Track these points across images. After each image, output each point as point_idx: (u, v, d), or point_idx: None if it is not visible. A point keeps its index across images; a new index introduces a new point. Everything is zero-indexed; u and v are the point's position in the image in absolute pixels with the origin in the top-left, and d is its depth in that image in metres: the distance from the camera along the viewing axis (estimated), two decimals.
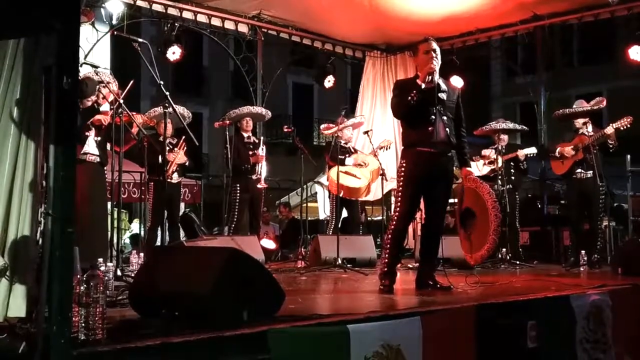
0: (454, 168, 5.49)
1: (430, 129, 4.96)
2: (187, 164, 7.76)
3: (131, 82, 5.83)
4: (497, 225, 5.02)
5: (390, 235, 5.11)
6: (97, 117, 6.09)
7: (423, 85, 4.94)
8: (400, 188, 5.07)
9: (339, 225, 8.15)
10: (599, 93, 19.12)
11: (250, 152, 8.00)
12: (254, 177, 7.97)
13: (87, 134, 6.14)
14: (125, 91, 5.80)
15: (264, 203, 8.80)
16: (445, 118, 5.04)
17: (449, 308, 4.02)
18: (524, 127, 8.91)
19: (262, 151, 8.04)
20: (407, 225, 5.47)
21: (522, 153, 8.13)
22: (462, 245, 5.45)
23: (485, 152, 8.32)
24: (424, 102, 4.96)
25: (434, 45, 5.09)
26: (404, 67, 10.36)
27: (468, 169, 5.31)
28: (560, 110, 7.72)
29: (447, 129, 5.03)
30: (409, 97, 4.94)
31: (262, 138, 8.53)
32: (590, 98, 7.76)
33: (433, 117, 4.98)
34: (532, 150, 8.22)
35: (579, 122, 7.49)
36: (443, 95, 5.07)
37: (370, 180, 8.30)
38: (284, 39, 9.98)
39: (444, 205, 5.36)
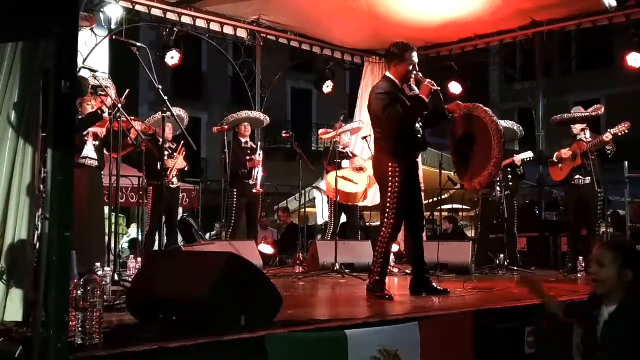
0: (452, 173, 5.51)
1: (419, 136, 5.13)
2: (186, 169, 7.77)
3: (127, 90, 5.82)
4: (499, 150, 5.00)
5: (385, 245, 5.02)
6: (94, 130, 6.11)
7: (427, 101, 5.00)
8: (396, 197, 4.95)
9: (338, 231, 8.15)
10: (597, 99, 19.20)
11: (248, 157, 8.00)
12: (251, 182, 7.97)
13: (85, 138, 6.13)
14: (123, 97, 5.79)
15: (262, 208, 8.79)
16: (421, 124, 5.19)
17: (447, 314, 4.02)
18: (520, 126, 8.86)
19: (259, 156, 8.06)
20: (398, 234, 5.48)
21: (518, 158, 8.11)
22: (458, 174, 5.47)
23: None
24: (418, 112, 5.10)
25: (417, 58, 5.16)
26: None
27: (450, 105, 5.30)
28: (559, 116, 7.72)
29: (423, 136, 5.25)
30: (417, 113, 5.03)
31: (259, 143, 8.53)
32: (589, 104, 7.78)
33: (418, 125, 5.13)
34: (529, 154, 8.20)
35: (576, 128, 7.49)
36: None
37: (367, 185, 8.29)
38: (283, 44, 9.97)
39: (422, 204, 5.61)
